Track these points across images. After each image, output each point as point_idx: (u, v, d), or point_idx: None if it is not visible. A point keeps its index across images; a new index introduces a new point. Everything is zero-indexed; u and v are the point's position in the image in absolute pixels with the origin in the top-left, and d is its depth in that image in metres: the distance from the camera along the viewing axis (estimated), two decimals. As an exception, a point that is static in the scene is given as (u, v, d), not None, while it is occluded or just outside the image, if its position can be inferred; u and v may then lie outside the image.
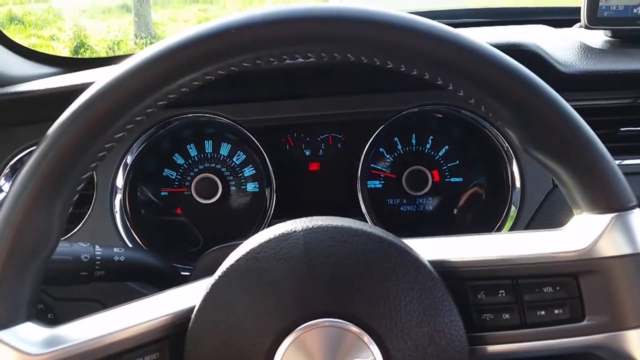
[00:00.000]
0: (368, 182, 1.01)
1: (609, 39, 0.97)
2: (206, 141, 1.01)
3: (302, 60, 0.47)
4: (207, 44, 0.44)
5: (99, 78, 0.46)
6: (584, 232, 0.48)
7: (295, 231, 0.48)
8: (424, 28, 0.45)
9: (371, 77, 0.90)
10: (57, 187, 0.46)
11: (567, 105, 0.46)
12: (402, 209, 1.03)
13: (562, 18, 1.17)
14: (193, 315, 0.47)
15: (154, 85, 0.45)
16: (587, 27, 0.94)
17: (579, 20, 0.96)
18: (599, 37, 0.98)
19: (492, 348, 0.49)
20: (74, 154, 0.45)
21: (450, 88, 0.47)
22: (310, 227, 0.48)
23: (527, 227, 0.89)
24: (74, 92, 0.46)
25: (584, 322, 0.48)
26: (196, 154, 1.01)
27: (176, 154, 1.01)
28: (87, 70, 0.98)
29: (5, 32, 1.03)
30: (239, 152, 1.01)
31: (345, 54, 0.46)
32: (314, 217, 0.49)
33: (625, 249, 0.46)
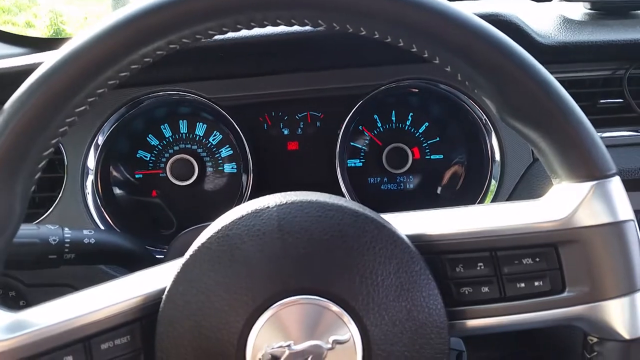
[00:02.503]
0: (348, 161, 1.00)
1: (588, 11, 0.97)
2: (181, 121, 0.98)
3: (275, 30, 0.45)
4: (170, 11, 0.43)
5: (59, 50, 0.44)
6: (563, 202, 0.47)
7: (268, 207, 0.46)
8: None
9: (348, 51, 0.88)
10: (17, 164, 0.44)
11: (545, 72, 0.45)
12: (382, 187, 1.02)
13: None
14: (164, 297, 0.46)
15: (114, 56, 0.43)
16: (566, -1, 0.94)
17: (560, -5, 0.96)
18: (578, 9, 0.97)
19: (472, 322, 0.48)
20: (33, 129, 0.43)
21: (426, 56, 0.45)
22: (284, 202, 0.46)
23: (508, 200, 0.88)
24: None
25: (565, 294, 0.47)
26: (171, 134, 0.99)
27: (150, 135, 0.98)
28: (54, 50, 0.95)
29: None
30: (215, 132, 0.99)
31: (315, 20, 0.44)
32: (288, 192, 0.48)
33: (604, 218, 0.46)
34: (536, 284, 0.47)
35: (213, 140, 0.99)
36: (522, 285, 0.47)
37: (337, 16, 0.44)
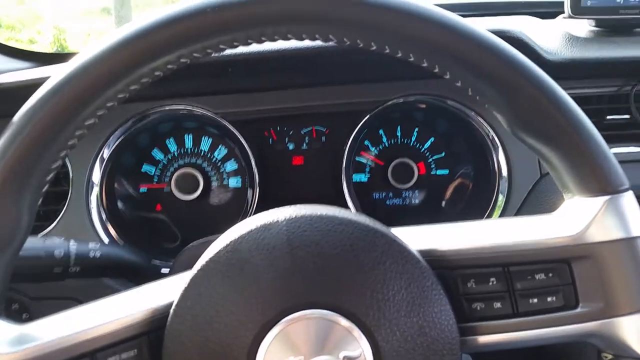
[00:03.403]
0: (353, 176, 0.99)
1: (593, 28, 0.97)
2: (186, 135, 0.98)
3: (282, 46, 0.45)
4: (181, 25, 0.43)
5: (70, 62, 0.44)
6: (575, 217, 0.46)
7: (277, 221, 0.46)
8: (407, 7, 0.43)
9: (355, 67, 0.88)
10: (25, 176, 0.43)
11: (556, 87, 0.45)
12: (388, 202, 1.01)
13: (546, 10, 1.17)
14: (172, 310, 0.45)
15: (125, 69, 0.43)
16: (570, 17, 0.94)
17: (563, 13, 0.96)
18: (583, 27, 0.98)
19: (483, 338, 0.47)
20: (42, 142, 0.43)
21: (436, 71, 0.45)
22: (294, 216, 0.46)
23: (516, 216, 0.88)
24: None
25: (578, 310, 0.46)
26: (176, 148, 0.99)
27: (155, 149, 0.98)
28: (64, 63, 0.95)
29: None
30: (220, 146, 0.99)
31: (326, 35, 0.44)
32: (297, 205, 0.48)
33: (617, 234, 0.45)
34: (549, 299, 0.46)
35: (218, 154, 0.99)
36: (535, 300, 0.46)
37: (348, 31, 0.44)
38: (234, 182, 0.99)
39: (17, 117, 0.43)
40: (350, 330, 0.43)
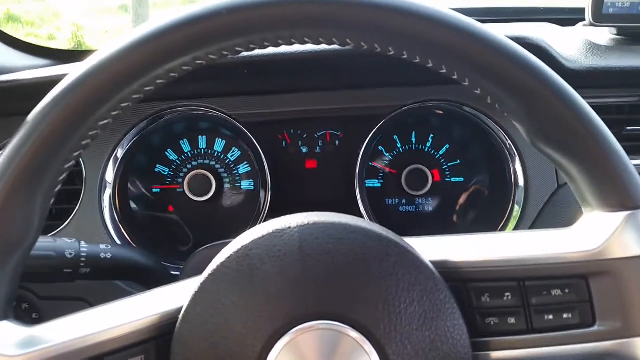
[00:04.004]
0: (366, 181, 0.98)
1: (614, 36, 0.96)
2: (200, 137, 0.98)
3: (298, 49, 0.45)
4: (197, 27, 0.42)
5: (85, 62, 0.43)
6: (594, 232, 0.45)
7: (289, 227, 0.45)
8: (426, 12, 0.42)
9: (371, 71, 0.88)
10: (38, 176, 0.43)
11: (578, 97, 0.44)
12: (401, 209, 1.00)
13: (565, 17, 1.16)
14: (181, 316, 0.44)
15: (140, 70, 0.43)
16: (592, 24, 0.93)
17: (583, 20, 0.95)
18: (604, 35, 0.96)
19: (496, 354, 0.46)
20: (56, 141, 0.43)
21: (455, 77, 0.44)
22: (306, 223, 0.45)
23: (531, 227, 0.87)
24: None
25: (594, 328, 0.45)
26: (190, 149, 0.99)
27: (169, 150, 0.98)
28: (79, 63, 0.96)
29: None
30: (233, 148, 0.99)
31: (343, 39, 0.43)
32: (310, 213, 0.47)
33: (638, 250, 0.44)
34: (565, 316, 0.45)
35: (231, 156, 0.99)
36: (550, 317, 0.45)
37: (365, 36, 0.43)
38: (246, 184, 0.99)
39: (31, 116, 0.43)
40: (360, 343, 0.42)
